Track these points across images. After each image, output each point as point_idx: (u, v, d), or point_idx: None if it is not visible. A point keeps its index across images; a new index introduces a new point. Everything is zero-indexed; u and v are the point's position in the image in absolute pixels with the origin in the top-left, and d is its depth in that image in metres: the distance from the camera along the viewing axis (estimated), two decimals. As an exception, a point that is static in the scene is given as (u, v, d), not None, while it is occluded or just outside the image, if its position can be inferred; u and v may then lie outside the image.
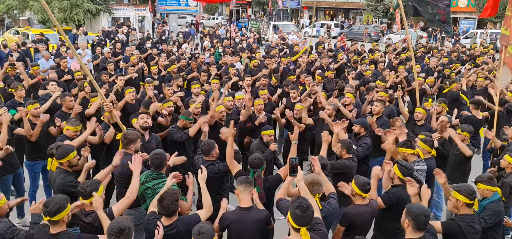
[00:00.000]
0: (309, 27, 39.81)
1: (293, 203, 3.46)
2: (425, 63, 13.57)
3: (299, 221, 3.37)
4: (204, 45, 19.36)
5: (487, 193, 4.57)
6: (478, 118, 7.81)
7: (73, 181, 4.67)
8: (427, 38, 29.22)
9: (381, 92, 8.09)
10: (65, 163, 4.74)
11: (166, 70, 11.03)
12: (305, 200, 3.47)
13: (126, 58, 13.15)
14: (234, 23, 37.30)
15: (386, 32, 35.37)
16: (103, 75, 9.60)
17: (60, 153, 4.72)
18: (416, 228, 3.64)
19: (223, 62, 12.44)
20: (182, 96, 8.33)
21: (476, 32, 31.09)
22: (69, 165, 4.79)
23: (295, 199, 3.51)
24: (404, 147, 5.46)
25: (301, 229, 3.37)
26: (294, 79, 9.95)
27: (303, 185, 3.89)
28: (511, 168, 5.49)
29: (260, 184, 4.61)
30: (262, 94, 8.15)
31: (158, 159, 4.66)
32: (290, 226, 3.47)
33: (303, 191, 3.82)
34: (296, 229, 3.40)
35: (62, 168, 4.78)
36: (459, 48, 18.11)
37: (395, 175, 4.69)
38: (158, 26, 27.03)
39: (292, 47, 17.16)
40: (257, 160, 4.74)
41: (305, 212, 3.36)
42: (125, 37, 19.67)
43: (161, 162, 4.68)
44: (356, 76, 10.71)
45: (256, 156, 4.83)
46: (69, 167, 4.80)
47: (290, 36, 23.44)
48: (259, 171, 4.68)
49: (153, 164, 4.68)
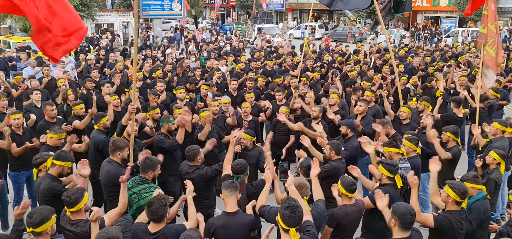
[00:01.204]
0: (293, 29, 40.05)
1: (282, 204, 3.47)
2: (409, 63, 13.72)
3: (288, 222, 3.38)
4: (189, 49, 19.30)
5: (472, 191, 4.60)
6: (458, 116, 7.92)
7: (58, 186, 4.61)
8: (411, 38, 29.56)
9: (367, 92, 8.17)
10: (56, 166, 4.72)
11: (151, 76, 10.96)
12: (294, 201, 3.49)
13: (110, 65, 13.03)
14: (219, 26, 37.27)
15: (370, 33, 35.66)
16: (87, 82, 9.49)
17: (58, 156, 4.75)
18: (402, 227, 3.67)
19: (208, 67, 12.41)
20: (167, 101, 8.30)
21: (458, 31, 31.60)
22: (60, 173, 4.76)
23: (284, 200, 3.53)
24: (390, 146, 5.51)
25: (291, 230, 3.38)
26: (280, 82, 9.96)
27: (293, 189, 3.89)
28: (496, 164, 5.59)
29: (243, 190, 4.61)
30: (248, 97, 8.14)
31: (147, 163, 4.69)
32: (280, 227, 3.47)
33: (295, 195, 3.80)
34: (286, 230, 3.41)
35: (49, 174, 4.73)
36: (443, 47, 18.37)
37: (383, 175, 4.73)
38: (142, 31, 26.85)
39: (277, 50, 17.20)
40: (240, 165, 4.74)
41: (294, 212, 3.38)
42: (108, 43, 19.50)
43: (150, 166, 4.69)
44: (341, 77, 10.78)
45: (238, 161, 4.84)
46: (57, 174, 4.76)
47: (275, 39, 23.48)
48: (242, 177, 4.68)
49: (143, 166, 4.69)
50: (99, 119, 6.34)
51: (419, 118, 7.26)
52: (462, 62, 13.95)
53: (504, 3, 33.31)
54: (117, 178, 4.45)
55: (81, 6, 27.80)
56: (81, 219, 3.94)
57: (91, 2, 29.01)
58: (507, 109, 11.27)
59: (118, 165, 5.06)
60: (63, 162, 4.76)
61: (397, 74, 8.51)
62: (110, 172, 4.95)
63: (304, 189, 4.08)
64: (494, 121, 6.86)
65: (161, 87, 8.88)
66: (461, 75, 10.51)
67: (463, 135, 9.59)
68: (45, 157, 4.98)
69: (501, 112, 9.94)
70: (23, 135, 6.48)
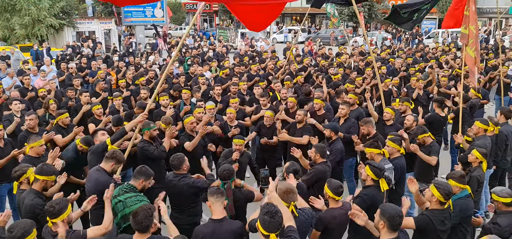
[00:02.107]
0: (276, 33, 40.21)
1: (261, 210, 3.45)
2: (391, 64, 13.87)
3: (267, 227, 3.35)
4: (172, 55, 19.20)
5: (456, 190, 4.68)
6: (441, 116, 8.03)
7: (40, 204, 4.49)
8: (392, 39, 29.95)
9: (350, 94, 8.22)
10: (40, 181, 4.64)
11: (134, 83, 10.88)
12: (274, 206, 3.45)
13: (92, 73, 12.89)
14: (202, 32, 37.22)
15: (352, 35, 36.02)
16: (69, 91, 9.35)
17: (41, 171, 4.66)
18: (391, 229, 3.69)
19: (191, 72, 12.36)
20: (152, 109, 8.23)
21: (438, 32, 32.12)
22: (43, 188, 4.68)
23: (263, 205, 3.49)
24: (371, 147, 5.54)
25: (271, 235, 3.35)
26: (264, 86, 9.98)
27: (275, 195, 3.85)
28: (478, 163, 5.68)
29: (230, 196, 4.58)
30: (232, 102, 8.13)
31: (141, 170, 4.71)
32: (260, 233, 3.43)
33: (276, 202, 3.75)
34: (266, 235, 3.37)
35: (33, 189, 4.65)
36: (423, 48, 18.64)
37: (368, 177, 4.76)
38: (125, 38, 26.66)
39: (260, 54, 17.23)
40: (226, 171, 4.72)
41: (273, 217, 3.35)
42: (90, 51, 19.28)
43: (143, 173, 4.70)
44: (325, 80, 10.83)
45: (225, 167, 4.81)
46: (41, 189, 4.67)
47: (258, 43, 23.55)
48: (229, 182, 4.65)
49: (137, 172, 4.70)
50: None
51: (402, 119, 7.34)
52: (443, 63, 14.17)
53: (482, 3, 34.01)
54: (106, 187, 4.40)
55: (62, 14, 27.43)
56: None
57: (72, 10, 28.64)
58: (487, 108, 11.48)
59: (108, 174, 4.99)
60: (46, 176, 4.66)
61: (379, 76, 8.59)
62: (99, 181, 4.85)
63: (291, 195, 4.03)
64: (476, 120, 6.97)
65: (145, 95, 8.81)
66: (443, 76, 10.66)
67: (446, 134, 9.73)
68: (24, 169, 4.88)
69: (482, 111, 10.12)
70: (5, 147, 6.33)
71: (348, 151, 6.85)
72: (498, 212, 4.68)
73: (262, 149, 7.47)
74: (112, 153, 5.10)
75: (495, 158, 6.96)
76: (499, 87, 11.44)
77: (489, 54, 16.55)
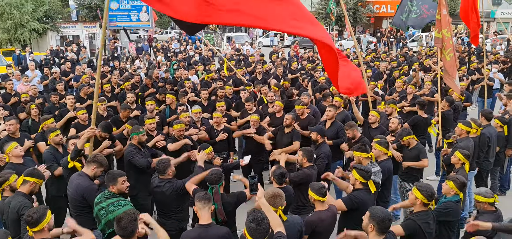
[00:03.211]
0: (262, 37, 40.27)
1: (248, 217, 3.43)
2: (376, 67, 14.01)
3: (254, 235, 3.34)
4: (158, 59, 19.09)
5: (451, 192, 4.81)
6: (424, 118, 8.13)
7: (29, 205, 4.44)
8: (376, 43, 30.22)
9: (336, 98, 8.27)
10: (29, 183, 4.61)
11: (120, 87, 10.79)
12: (260, 213, 3.44)
13: (77, 77, 12.74)
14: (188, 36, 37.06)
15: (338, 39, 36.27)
16: (53, 96, 9.23)
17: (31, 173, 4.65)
18: (379, 232, 3.71)
19: (177, 76, 12.30)
20: (138, 115, 8.17)
21: (421, 36, 32.58)
22: (31, 191, 4.64)
23: (250, 212, 3.48)
24: (359, 151, 5.57)
25: None
26: (250, 90, 9.98)
27: (264, 202, 3.83)
28: (461, 164, 5.77)
29: (218, 201, 4.56)
30: (219, 106, 8.10)
31: (108, 177, 4.56)
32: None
33: (265, 208, 3.74)
34: None
35: (20, 191, 4.60)
36: (407, 52, 18.88)
37: (356, 180, 4.78)
38: (110, 42, 26.40)
39: (246, 58, 17.24)
40: (214, 176, 4.69)
41: (260, 225, 3.34)
42: (74, 56, 19.05)
43: (109, 179, 4.54)
44: (311, 84, 10.89)
45: (213, 171, 4.78)
46: (29, 192, 4.62)
47: (244, 47, 23.56)
48: (217, 187, 4.63)
49: (103, 181, 4.59)
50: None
51: (388, 121, 7.41)
52: (426, 66, 14.36)
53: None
54: (88, 192, 4.35)
55: (45, 18, 27.09)
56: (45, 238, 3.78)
57: (56, 14, 28.29)
58: (470, 110, 11.66)
59: (90, 179, 4.91)
60: (36, 179, 4.64)
61: (366, 79, 8.66)
62: (81, 186, 4.78)
63: (278, 199, 4.03)
64: (459, 122, 7.08)
65: (132, 99, 8.74)
66: (427, 80, 10.80)
67: (430, 136, 9.85)
68: (7, 175, 4.81)
69: (465, 113, 10.28)
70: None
71: (335, 154, 6.89)
72: (481, 212, 4.76)
73: (249, 153, 7.45)
74: (94, 157, 5.02)
75: (477, 159, 7.07)
76: (482, 90, 11.65)
77: (471, 57, 16.82)
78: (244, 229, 3.43)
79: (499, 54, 17.30)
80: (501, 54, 17.35)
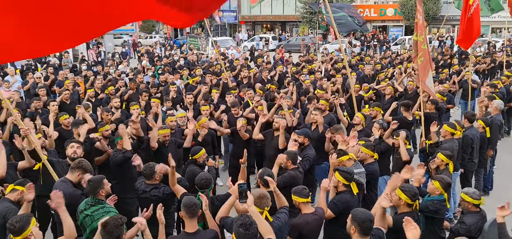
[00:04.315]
0: (247, 41, 40.34)
1: (236, 222, 3.41)
2: (361, 71, 14.12)
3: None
4: (142, 64, 18.96)
5: (436, 192, 4.87)
6: (408, 120, 8.21)
7: (14, 211, 4.37)
8: (361, 47, 30.54)
9: (321, 101, 8.29)
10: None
11: (104, 92, 10.67)
12: (248, 218, 3.42)
13: (60, 83, 12.55)
14: (172, 40, 36.92)
15: (323, 42, 36.54)
16: (35, 101, 9.07)
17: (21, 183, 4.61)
18: (362, 233, 3.72)
19: (162, 81, 12.22)
20: (121, 119, 8.09)
21: (404, 39, 33.01)
22: (18, 200, 4.57)
23: (238, 217, 3.46)
24: (340, 156, 5.56)
25: None
26: (236, 94, 9.96)
27: (254, 209, 3.79)
28: (444, 165, 5.83)
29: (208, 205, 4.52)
30: (204, 110, 8.07)
31: (91, 185, 4.42)
32: None
33: (255, 216, 3.69)
34: None
35: (7, 198, 4.55)
36: (390, 55, 19.10)
37: (339, 182, 4.80)
38: (93, 47, 26.10)
39: (231, 62, 17.23)
40: (204, 180, 4.66)
41: (248, 229, 3.32)
42: (57, 61, 18.79)
43: (95, 187, 4.40)
44: (296, 87, 10.91)
45: (202, 176, 4.74)
46: (16, 200, 4.56)
47: (229, 51, 23.56)
48: (206, 191, 4.60)
49: (87, 191, 4.46)
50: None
51: (372, 124, 7.45)
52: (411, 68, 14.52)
53: (446, 11, 35.04)
54: (71, 199, 4.27)
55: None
56: None
57: (38, 19, 27.84)
58: (453, 112, 11.83)
59: (73, 186, 4.83)
60: (25, 189, 4.56)
61: (351, 82, 8.72)
62: (64, 193, 4.70)
63: (264, 200, 4.03)
64: (443, 123, 7.16)
65: (116, 104, 8.64)
66: (410, 80, 10.92)
67: (414, 138, 9.96)
68: None
69: (448, 115, 10.42)
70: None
71: (321, 156, 6.90)
72: (465, 211, 4.82)
73: (235, 156, 7.43)
74: (78, 163, 4.93)
75: (462, 160, 7.16)
76: (465, 92, 11.83)
77: (453, 60, 17.09)
78: (233, 234, 3.40)
79: (479, 57, 17.61)
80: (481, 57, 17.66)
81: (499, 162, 8.95)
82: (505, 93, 10.52)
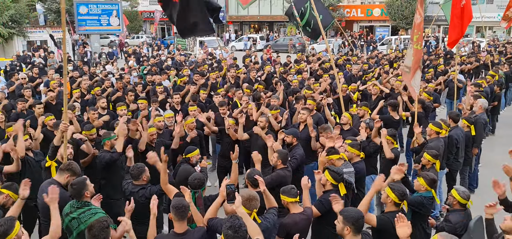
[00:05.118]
0: (235, 41, 40.31)
1: (225, 224, 3.39)
2: (348, 70, 14.20)
3: None
4: (129, 64, 18.81)
5: (422, 189, 4.95)
6: (395, 119, 8.29)
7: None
8: (348, 46, 30.66)
9: (308, 100, 8.33)
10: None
11: (90, 93, 10.56)
12: (238, 219, 3.41)
13: (47, 83, 12.37)
14: (160, 40, 36.72)
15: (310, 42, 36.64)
16: (20, 103, 8.94)
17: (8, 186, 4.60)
18: (356, 232, 3.74)
19: (149, 81, 12.14)
20: (107, 120, 8.01)
21: (391, 39, 33.32)
22: (4, 203, 4.54)
23: (227, 219, 3.45)
24: (330, 154, 5.61)
25: None
26: (223, 93, 9.95)
27: (242, 211, 3.78)
28: (431, 164, 5.90)
29: (201, 205, 4.51)
30: (191, 110, 8.04)
31: (75, 188, 4.33)
32: None
33: (244, 217, 3.68)
34: None
35: None
36: (377, 54, 19.24)
37: (327, 181, 4.82)
38: (79, 47, 25.83)
39: (219, 62, 17.20)
40: (197, 180, 4.63)
41: (237, 232, 3.31)
42: (42, 61, 18.56)
43: (79, 190, 4.33)
44: (284, 87, 10.93)
45: (196, 176, 4.71)
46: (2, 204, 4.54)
47: (217, 51, 23.49)
48: (200, 191, 4.58)
49: (71, 195, 4.38)
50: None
51: (360, 123, 7.50)
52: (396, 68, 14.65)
53: (431, 11, 35.49)
54: (61, 201, 4.19)
55: (11, 23, 26.24)
56: None
57: (22, 19, 27.43)
58: (439, 111, 11.98)
59: (62, 188, 4.76)
60: (11, 193, 4.55)
61: (338, 82, 8.77)
62: None
63: (253, 202, 4.02)
64: (429, 122, 7.24)
65: (103, 104, 8.57)
66: (396, 80, 11.02)
67: (401, 137, 10.05)
68: None
69: (434, 114, 10.53)
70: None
71: (309, 156, 6.92)
72: (450, 209, 4.88)
73: (223, 157, 7.43)
74: (68, 165, 4.88)
75: (447, 160, 7.25)
76: (450, 91, 11.97)
77: (438, 59, 17.28)
78: (222, 236, 3.39)
79: (464, 57, 17.84)
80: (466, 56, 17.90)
81: (484, 160, 9.08)
82: (489, 93, 10.68)
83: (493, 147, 10.32)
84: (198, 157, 5.90)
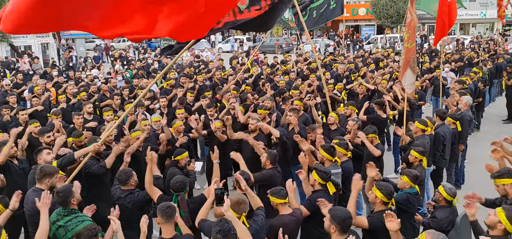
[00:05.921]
0: (222, 43, 40.23)
1: (214, 228, 3.39)
2: (334, 70, 14.26)
3: None
4: (115, 68, 18.68)
5: (406, 186, 5.01)
6: (382, 117, 8.35)
7: None
8: (335, 46, 30.85)
9: (296, 101, 8.35)
10: None
11: (76, 97, 10.46)
12: (227, 223, 3.41)
13: (32, 89, 12.22)
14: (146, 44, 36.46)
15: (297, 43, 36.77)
16: (4, 110, 8.81)
17: None
18: (342, 231, 3.77)
19: (135, 85, 12.06)
20: (94, 126, 7.93)
21: (377, 38, 33.58)
22: None
23: (216, 223, 3.44)
24: (325, 151, 5.64)
25: None
26: (210, 95, 9.92)
27: (231, 214, 3.79)
28: (418, 161, 5.96)
29: (184, 208, 4.49)
30: (179, 113, 8.00)
31: (61, 196, 4.26)
32: None
33: (233, 221, 3.68)
34: None
35: None
36: (363, 54, 19.37)
37: (316, 181, 4.84)
38: (65, 52, 25.55)
39: (206, 64, 17.16)
40: (179, 183, 4.61)
41: (226, 236, 3.31)
42: (28, 67, 18.32)
43: (65, 198, 4.27)
44: (271, 87, 10.94)
45: (177, 179, 4.70)
46: None
47: (204, 53, 23.44)
48: (182, 194, 4.56)
49: (57, 202, 4.31)
50: None
51: (347, 123, 7.54)
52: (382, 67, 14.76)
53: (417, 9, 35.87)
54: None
55: (-6, 28, 25.85)
56: None
57: (5, 24, 27.05)
58: (425, 108, 12.10)
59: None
60: (1, 206, 4.52)
61: (324, 82, 8.79)
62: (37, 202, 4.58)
63: (242, 206, 4.01)
64: (415, 120, 7.31)
65: (90, 109, 8.48)
66: (383, 79, 11.10)
67: (388, 135, 10.13)
68: None
69: (420, 112, 10.64)
70: None
71: (295, 158, 6.92)
72: (437, 206, 4.93)
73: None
74: (40, 170, 4.75)
75: (433, 157, 7.32)
76: (436, 89, 12.11)
77: (423, 57, 17.46)
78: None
79: (449, 54, 18.06)
80: (450, 54, 18.11)
81: (470, 156, 9.19)
82: (473, 89, 10.82)
83: (479, 143, 10.45)
84: (187, 160, 5.88)
